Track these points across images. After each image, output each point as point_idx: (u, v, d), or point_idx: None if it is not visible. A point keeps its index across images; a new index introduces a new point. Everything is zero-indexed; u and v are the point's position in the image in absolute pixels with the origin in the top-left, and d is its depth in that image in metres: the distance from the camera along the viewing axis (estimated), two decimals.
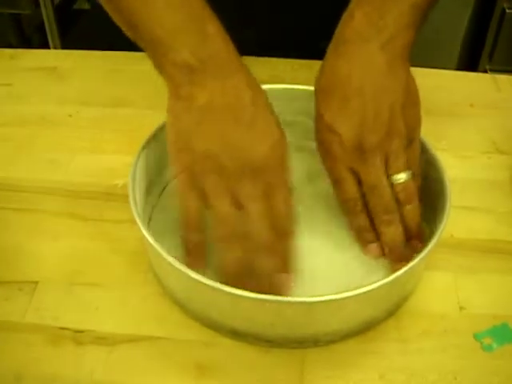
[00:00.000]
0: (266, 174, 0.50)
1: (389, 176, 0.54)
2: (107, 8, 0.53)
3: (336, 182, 0.56)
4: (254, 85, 0.52)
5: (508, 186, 0.67)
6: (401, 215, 0.55)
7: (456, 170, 0.64)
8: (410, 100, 0.55)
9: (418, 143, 0.56)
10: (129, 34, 0.52)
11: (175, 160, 0.52)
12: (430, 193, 0.57)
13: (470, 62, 1.54)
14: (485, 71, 1.50)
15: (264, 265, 0.51)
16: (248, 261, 0.51)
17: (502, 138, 0.73)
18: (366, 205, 0.55)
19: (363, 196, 0.55)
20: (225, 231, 0.51)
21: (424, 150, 0.58)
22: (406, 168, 0.54)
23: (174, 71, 0.50)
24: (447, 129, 0.66)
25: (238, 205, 0.50)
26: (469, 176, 0.68)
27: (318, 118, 0.56)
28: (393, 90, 0.53)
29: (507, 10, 1.43)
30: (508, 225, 0.63)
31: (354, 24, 0.54)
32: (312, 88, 0.64)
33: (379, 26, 0.53)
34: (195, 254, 0.52)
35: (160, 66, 0.51)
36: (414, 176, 0.55)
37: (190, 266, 0.49)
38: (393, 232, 0.55)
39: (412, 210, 0.55)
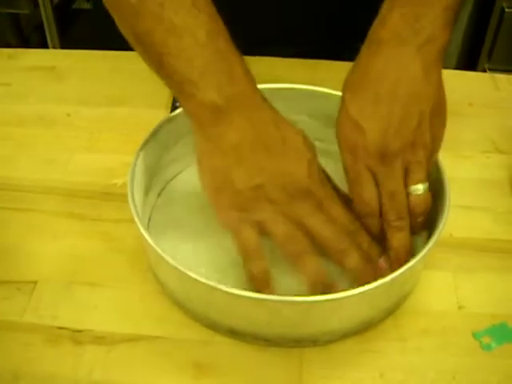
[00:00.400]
0: (312, 192, 0.52)
1: (407, 185, 0.54)
2: (132, 43, 0.52)
3: (354, 181, 0.55)
4: (275, 114, 0.53)
5: (507, 185, 0.67)
6: (411, 223, 0.55)
7: (455, 169, 0.64)
8: (439, 111, 0.54)
9: (435, 158, 0.56)
10: (153, 68, 0.52)
11: (216, 200, 0.53)
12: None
13: (469, 61, 1.54)
14: (484, 70, 1.50)
15: (353, 262, 0.52)
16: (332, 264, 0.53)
17: (500, 137, 0.73)
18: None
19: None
20: (296, 248, 0.52)
21: None
22: (425, 180, 0.54)
23: (201, 111, 0.51)
24: (446, 128, 0.66)
25: (298, 224, 0.51)
26: (467, 175, 0.68)
27: (343, 113, 0.55)
28: (425, 98, 0.53)
29: (506, 10, 1.43)
30: (507, 224, 0.63)
31: (389, 25, 0.53)
32: (313, 87, 0.64)
33: (416, 28, 0.52)
34: (264, 282, 0.53)
35: (186, 105, 0.52)
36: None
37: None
38: (402, 239, 0.54)
39: (422, 220, 0.55)
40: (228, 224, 0.53)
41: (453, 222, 0.54)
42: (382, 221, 0.55)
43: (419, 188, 0.53)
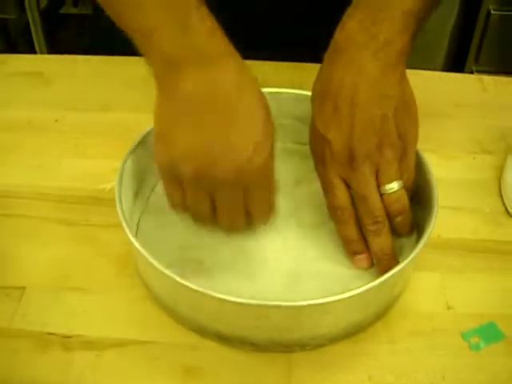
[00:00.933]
0: (246, 179, 0.50)
1: (379, 186, 0.54)
2: (104, 8, 0.52)
3: (326, 190, 0.56)
4: (242, 73, 0.51)
5: (494, 185, 0.67)
6: (391, 225, 0.55)
7: (442, 170, 0.65)
8: (405, 109, 0.54)
9: (412, 154, 0.56)
10: (116, 22, 0.51)
11: (156, 150, 0.52)
12: (416, 194, 0.57)
13: (456, 63, 1.54)
14: (471, 72, 1.51)
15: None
16: None
17: (487, 138, 0.73)
18: (355, 214, 0.55)
19: (353, 205, 0.55)
20: (201, 220, 0.54)
21: None
22: (398, 178, 0.54)
23: (159, 62, 0.50)
24: (433, 129, 0.66)
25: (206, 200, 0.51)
26: (454, 176, 0.68)
27: (312, 126, 0.56)
28: (386, 99, 0.53)
29: (492, 11, 1.44)
30: (494, 224, 0.63)
31: (347, 31, 0.54)
32: (299, 91, 0.64)
33: (372, 33, 0.52)
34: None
35: (146, 57, 0.51)
36: (405, 188, 0.55)
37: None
38: (380, 242, 0.54)
39: (402, 220, 0.55)
40: (161, 175, 0.52)
41: (440, 223, 0.54)
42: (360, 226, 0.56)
43: (392, 187, 0.54)
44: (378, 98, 0.53)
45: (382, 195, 0.54)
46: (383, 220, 0.54)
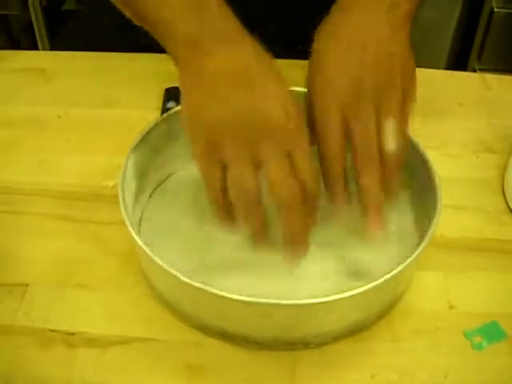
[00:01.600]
0: (282, 134, 0.50)
1: (379, 119, 0.52)
2: (119, 6, 0.53)
3: (322, 133, 0.53)
4: (262, 55, 0.52)
5: (497, 184, 0.67)
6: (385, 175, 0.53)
7: (445, 168, 0.64)
8: (408, 66, 0.54)
9: (409, 113, 0.54)
10: (135, 19, 0.53)
11: (190, 135, 0.52)
12: (420, 192, 0.57)
13: (459, 61, 1.54)
14: (474, 71, 1.50)
15: (290, 228, 0.51)
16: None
17: (490, 136, 0.73)
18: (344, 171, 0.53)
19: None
20: (246, 196, 0.50)
21: (414, 150, 0.58)
22: (397, 115, 0.53)
23: (181, 47, 0.51)
24: (436, 128, 0.66)
25: (259, 165, 0.50)
26: (458, 175, 0.68)
27: (314, 60, 0.55)
28: (395, 54, 0.53)
29: (495, 9, 1.44)
30: (497, 223, 0.63)
31: None
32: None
33: None
34: (227, 218, 0.53)
35: (167, 45, 0.52)
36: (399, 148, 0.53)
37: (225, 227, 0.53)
38: (370, 182, 0.52)
39: (394, 164, 0.53)
40: (198, 161, 0.52)
41: (444, 222, 0.54)
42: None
43: (390, 128, 0.52)
44: (387, 53, 0.53)
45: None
46: (377, 163, 0.52)
